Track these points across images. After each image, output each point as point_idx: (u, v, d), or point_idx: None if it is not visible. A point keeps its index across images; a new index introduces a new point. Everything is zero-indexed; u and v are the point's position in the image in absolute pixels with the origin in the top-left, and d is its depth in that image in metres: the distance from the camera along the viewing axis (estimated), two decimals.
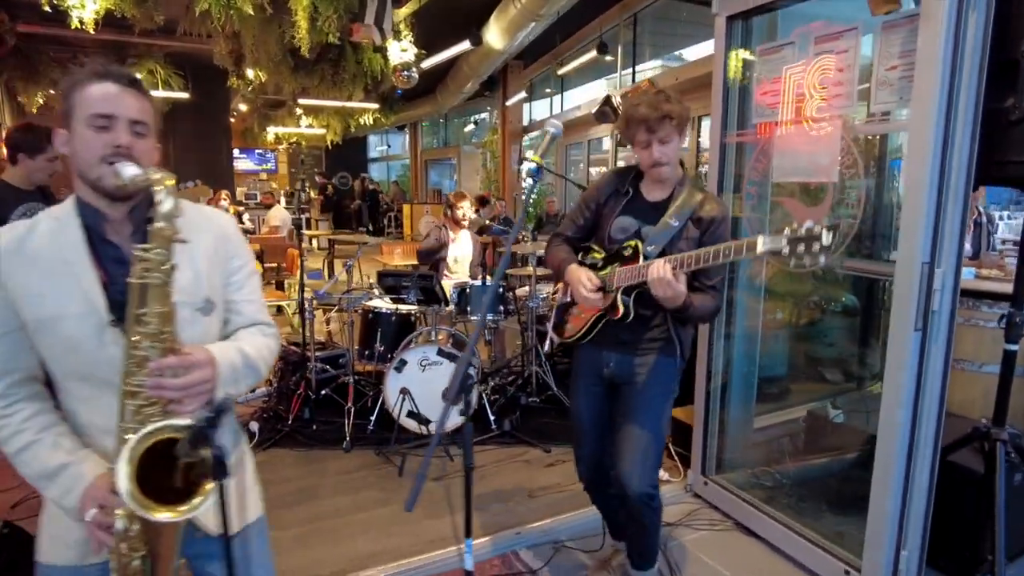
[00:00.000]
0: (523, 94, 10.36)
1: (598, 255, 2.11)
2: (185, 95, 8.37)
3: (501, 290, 3.88)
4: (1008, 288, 3.37)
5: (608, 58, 7.88)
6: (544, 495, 3.08)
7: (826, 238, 1.52)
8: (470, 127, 13.47)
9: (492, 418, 3.71)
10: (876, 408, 3.07)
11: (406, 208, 13.36)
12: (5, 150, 3.02)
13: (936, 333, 2.06)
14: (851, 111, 2.31)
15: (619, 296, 1.97)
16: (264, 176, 15.87)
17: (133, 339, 1.08)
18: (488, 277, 4.32)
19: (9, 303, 1.15)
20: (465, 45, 6.44)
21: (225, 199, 7.88)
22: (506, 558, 2.58)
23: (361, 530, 2.76)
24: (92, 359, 1.16)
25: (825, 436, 3.10)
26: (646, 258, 1.93)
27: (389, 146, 19.64)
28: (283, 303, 5.68)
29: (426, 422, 3.65)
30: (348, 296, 3.89)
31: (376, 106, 9.82)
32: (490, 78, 9.97)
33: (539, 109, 11.49)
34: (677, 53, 8.21)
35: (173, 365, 1.08)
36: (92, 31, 4.60)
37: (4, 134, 3.09)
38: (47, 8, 4.41)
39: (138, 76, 1.23)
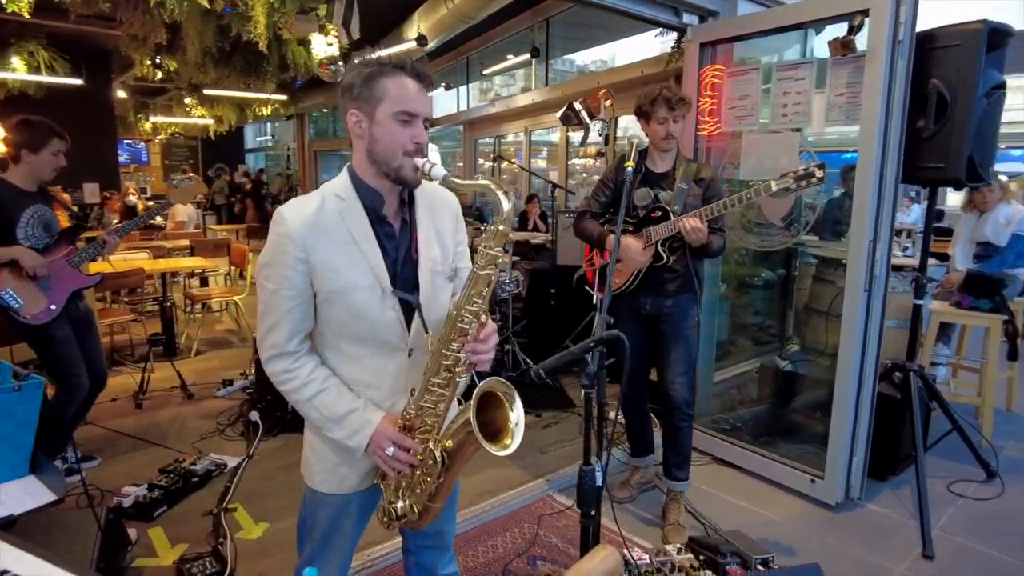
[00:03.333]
0: (441, 89, 10.59)
1: (629, 223, 2.67)
2: (78, 81, 7.73)
3: None
4: (902, 262, 4.36)
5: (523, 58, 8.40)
6: (552, 450, 3.55)
7: (819, 173, 2.22)
8: None
9: None
10: (796, 359, 3.89)
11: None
12: (5, 148, 2.94)
13: (877, 292, 2.78)
14: (807, 124, 2.99)
15: (659, 247, 2.59)
16: (132, 168, 14.71)
17: (463, 314, 1.33)
18: None
19: (308, 275, 1.34)
20: (411, 45, 6.61)
21: (133, 194, 7.43)
22: (545, 500, 3.03)
23: None
24: (373, 324, 1.40)
25: (773, 383, 3.84)
26: (675, 214, 2.55)
27: (273, 136, 18.87)
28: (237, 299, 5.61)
29: None
30: None
31: (284, 97, 9.59)
32: None
33: (442, 102, 11.76)
34: (580, 57, 8.90)
35: (488, 334, 1.37)
36: (27, 16, 4.34)
37: (2, 133, 2.98)
38: None
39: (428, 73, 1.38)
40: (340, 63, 7.05)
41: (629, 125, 7.43)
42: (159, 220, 8.07)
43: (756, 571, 2.32)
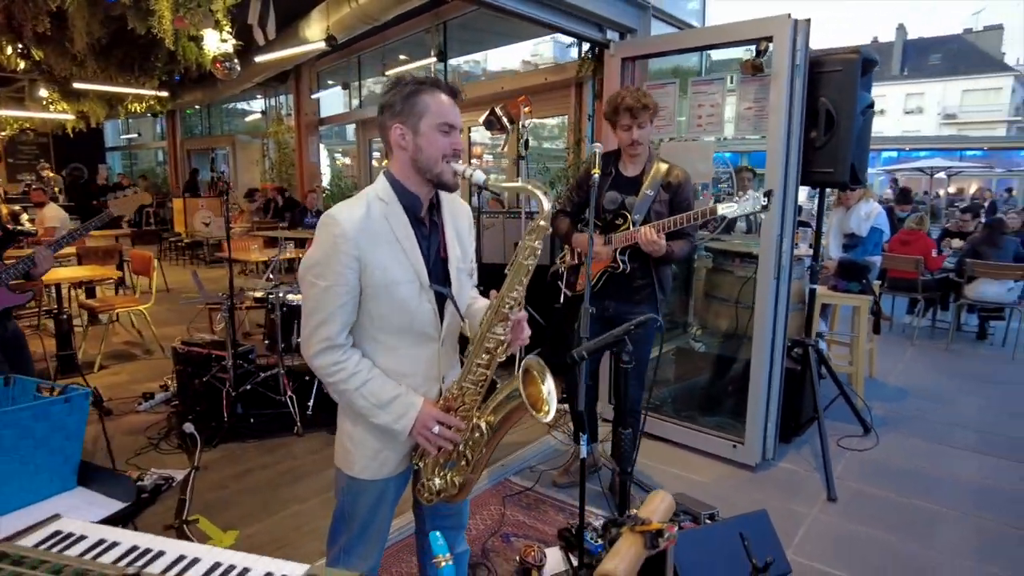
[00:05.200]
0: (339, 87, 10.37)
1: (597, 225, 2.80)
2: None
3: None
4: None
5: (422, 62, 8.49)
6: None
7: (764, 200, 2.47)
8: (255, 116, 12.79)
9: None
10: (708, 341, 4.34)
11: (177, 203, 12.21)
12: None
13: (783, 279, 3.24)
14: (720, 133, 3.41)
15: (617, 255, 2.75)
16: None
17: (506, 301, 1.50)
18: None
19: (359, 272, 1.45)
20: (320, 45, 6.47)
21: None
22: (504, 484, 3.23)
23: None
24: (412, 316, 1.54)
25: (689, 363, 4.27)
26: (634, 225, 2.72)
27: (140, 134, 17.41)
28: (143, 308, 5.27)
29: None
30: (276, 291, 4.01)
31: (166, 93, 8.96)
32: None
33: (329, 102, 11.53)
34: (479, 59, 9.13)
35: (521, 318, 1.55)
36: None
37: None
38: None
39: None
40: (235, 60, 6.79)
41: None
42: (29, 226, 7.32)
43: (706, 524, 2.67)
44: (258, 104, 13.33)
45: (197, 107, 14.68)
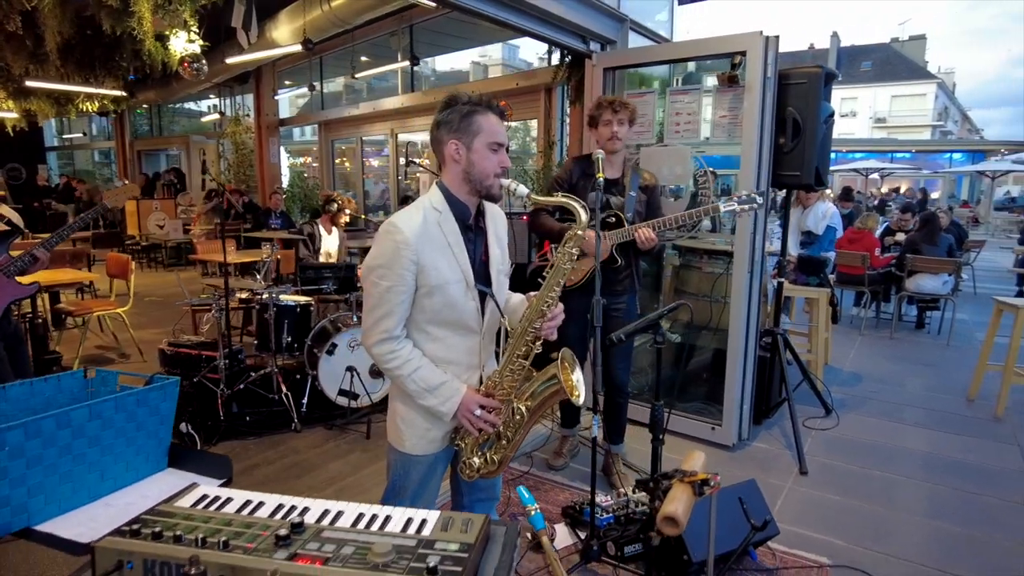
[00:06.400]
0: (305, 88, 10.29)
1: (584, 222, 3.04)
2: None
3: None
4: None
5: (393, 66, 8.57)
6: None
7: (759, 199, 2.76)
8: (212, 116, 12.54)
9: None
10: (685, 332, 4.61)
11: (129, 205, 11.88)
12: None
13: (757, 273, 3.53)
14: (697, 139, 3.67)
15: (614, 251, 2.97)
16: None
17: (545, 299, 1.71)
18: None
19: (415, 273, 1.65)
20: (295, 48, 6.47)
21: None
22: None
23: (379, 480, 3.27)
24: (460, 312, 1.73)
25: (667, 353, 4.54)
26: (629, 222, 2.96)
27: (85, 133, 16.76)
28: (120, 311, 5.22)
29: (355, 396, 4.13)
30: (270, 292, 4.08)
31: (124, 93, 8.74)
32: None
33: (282, 103, 11.46)
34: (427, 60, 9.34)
35: (557, 314, 1.75)
36: None
37: None
38: None
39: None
40: (203, 61, 6.73)
41: None
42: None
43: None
44: (209, 104, 13.09)
45: (146, 106, 14.30)
